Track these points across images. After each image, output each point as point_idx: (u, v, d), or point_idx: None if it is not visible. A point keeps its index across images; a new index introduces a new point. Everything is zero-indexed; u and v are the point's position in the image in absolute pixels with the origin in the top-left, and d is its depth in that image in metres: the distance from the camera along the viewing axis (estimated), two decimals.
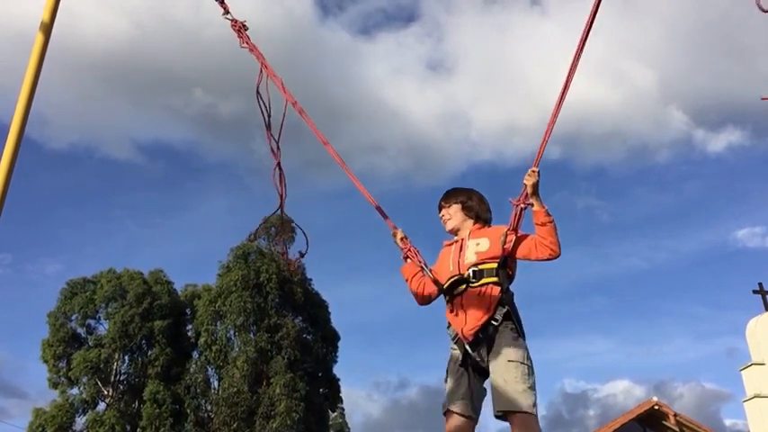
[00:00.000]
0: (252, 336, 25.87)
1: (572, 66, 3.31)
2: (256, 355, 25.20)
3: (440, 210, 3.67)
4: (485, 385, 3.28)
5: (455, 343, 3.29)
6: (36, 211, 45.35)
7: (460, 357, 3.25)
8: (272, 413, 24.31)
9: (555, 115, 3.34)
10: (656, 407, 17.98)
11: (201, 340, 26.02)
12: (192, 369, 26.27)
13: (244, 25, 3.86)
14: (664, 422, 17.94)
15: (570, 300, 59.08)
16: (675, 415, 17.91)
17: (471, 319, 3.20)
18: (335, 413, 31.35)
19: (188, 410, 25.29)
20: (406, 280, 3.61)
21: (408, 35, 62.94)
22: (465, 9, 62.52)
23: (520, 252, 3.33)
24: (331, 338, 28.09)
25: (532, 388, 3.08)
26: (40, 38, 2.99)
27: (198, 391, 25.61)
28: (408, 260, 3.61)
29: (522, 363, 3.12)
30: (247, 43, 3.87)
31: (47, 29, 3.01)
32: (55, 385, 25.89)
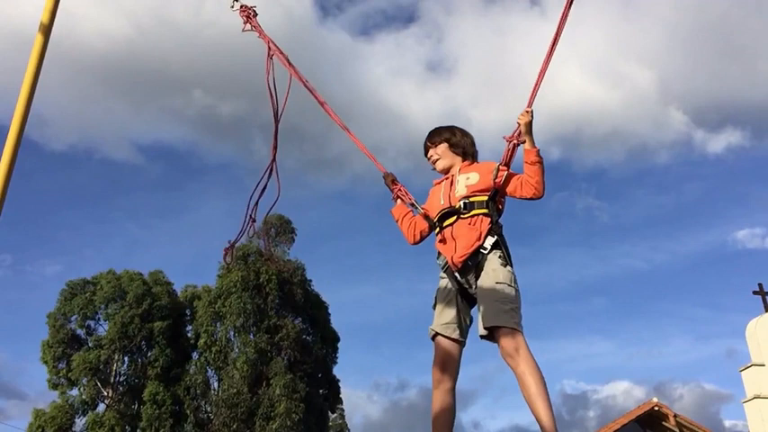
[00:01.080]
0: (252, 337, 25.88)
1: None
2: (256, 356, 25.20)
3: (426, 151, 3.73)
4: (472, 313, 3.35)
5: (444, 272, 3.38)
6: (35, 212, 45.38)
7: (449, 285, 3.33)
8: (272, 414, 24.31)
9: (549, 56, 3.36)
10: (656, 408, 17.96)
11: (201, 341, 26.03)
12: (191, 370, 26.27)
13: (254, 11, 3.93)
14: (664, 423, 17.92)
15: (570, 301, 59.14)
16: (675, 416, 17.89)
17: (461, 247, 3.29)
18: (335, 414, 31.32)
19: (188, 411, 25.29)
20: (397, 220, 3.70)
21: (408, 36, 63.01)
22: (464, 10, 62.58)
23: (508, 188, 3.40)
24: (331, 339, 28.10)
25: (519, 310, 3.16)
26: (39, 39, 2.99)
27: (198, 392, 25.61)
28: (399, 201, 3.71)
29: (509, 285, 3.18)
30: (255, 27, 3.92)
31: (46, 30, 3.01)
32: (55, 386, 25.89)
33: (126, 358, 26.71)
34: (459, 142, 3.66)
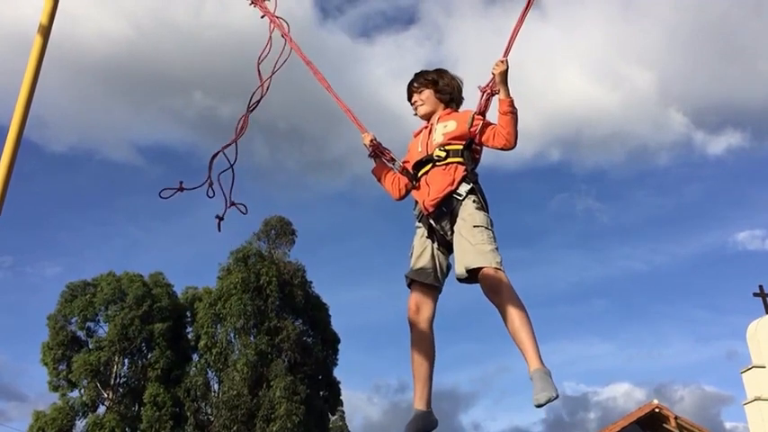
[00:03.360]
0: (252, 338, 25.88)
1: None
2: (256, 357, 25.20)
3: (411, 95, 3.67)
4: (450, 261, 3.31)
5: (419, 220, 3.36)
6: (35, 214, 45.33)
7: (425, 232, 3.31)
8: (273, 416, 24.30)
9: (528, 4, 3.33)
10: (657, 409, 17.94)
11: (201, 343, 26.02)
12: (191, 372, 26.26)
13: None
14: (664, 425, 17.89)
15: (570, 302, 59.04)
16: (676, 418, 17.87)
17: (434, 191, 3.27)
18: (336, 416, 31.32)
19: (188, 413, 25.28)
20: (378, 179, 3.67)
21: (408, 38, 62.98)
22: (464, 12, 62.60)
23: (483, 138, 3.36)
24: (331, 341, 28.09)
25: (497, 251, 3.11)
26: (38, 40, 2.99)
27: (198, 393, 25.60)
28: (377, 159, 3.68)
29: (486, 227, 3.16)
30: (265, 10, 3.97)
31: (45, 32, 3.01)
32: (55, 388, 25.89)
33: (126, 360, 26.72)
34: (446, 87, 3.60)
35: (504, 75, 3.27)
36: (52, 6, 3.02)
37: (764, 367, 16.15)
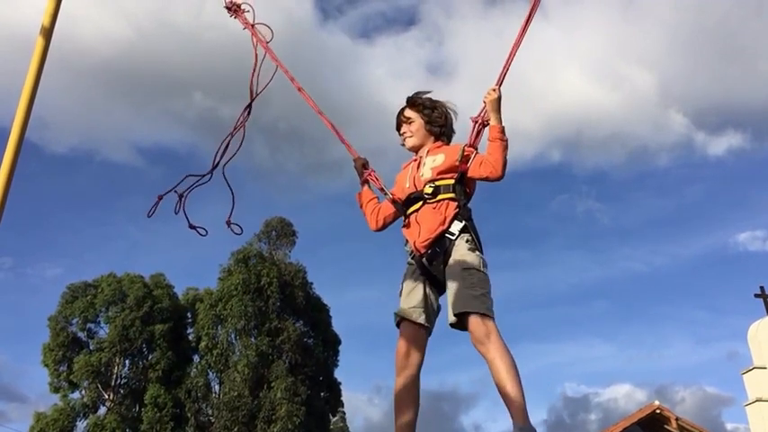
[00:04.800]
0: (253, 340, 25.88)
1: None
2: (257, 359, 25.20)
3: (399, 125, 3.52)
4: (441, 301, 3.20)
5: (411, 258, 3.22)
6: (36, 215, 45.36)
7: (417, 271, 3.18)
8: (273, 417, 24.30)
9: (522, 33, 3.30)
10: (658, 411, 17.91)
11: (202, 344, 26.03)
12: (192, 373, 26.26)
13: (236, 3, 3.84)
14: (665, 426, 17.87)
15: (571, 304, 59.09)
16: (677, 419, 17.84)
17: (425, 232, 3.14)
18: (336, 417, 31.32)
19: (189, 414, 25.28)
20: (361, 205, 3.53)
21: (408, 39, 63.10)
22: (465, 13, 62.70)
23: (471, 169, 3.21)
24: (332, 342, 28.09)
25: (488, 295, 3.01)
26: (40, 42, 2.99)
27: (199, 395, 25.60)
28: (366, 186, 3.55)
29: (478, 270, 3.03)
30: (244, 21, 3.83)
31: (47, 33, 3.01)
32: (56, 389, 25.90)
33: (127, 361, 26.74)
34: (437, 120, 3.45)
35: (497, 103, 3.20)
36: (54, 8, 3.03)
37: (765, 368, 16.14)
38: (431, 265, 3.12)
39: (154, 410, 24.77)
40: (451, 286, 3.03)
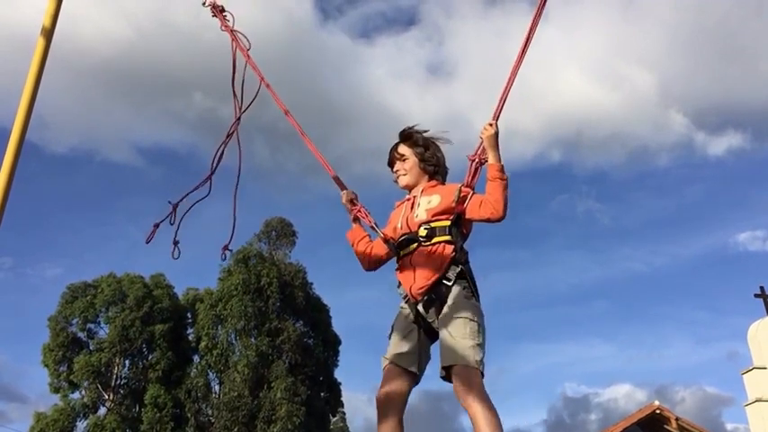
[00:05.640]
0: (253, 340, 25.88)
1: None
2: (257, 359, 25.20)
3: (393, 162, 3.37)
4: (433, 349, 3.08)
5: (405, 302, 3.09)
6: (36, 215, 45.34)
7: (410, 316, 3.05)
8: (273, 417, 24.30)
9: (517, 65, 3.18)
10: (658, 411, 17.92)
11: (202, 344, 26.03)
12: (192, 373, 26.26)
13: (220, 7, 3.79)
14: (665, 426, 17.88)
15: (571, 304, 59.09)
16: (677, 419, 17.85)
17: (421, 278, 2.99)
18: (336, 417, 31.33)
19: (189, 415, 25.28)
20: (352, 244, 3.39)
21: (408, 39, 63.09)
22: (465, 13, 62.69)
23: (469, 210, 3.07)
24: (332, 342, 28.09)
25: (481, 346, 2.87)
26: (41, 42, 2.99)
27: (199, 395, 25.60)
28: (357, 223, 3.41)
29: (471, 320, 2.89)
30: (224, 24, 3.77)
31: (48, 33, 3.02)
32: (56, 390, 25.90)
33: (127, 361, 26.74)
34: (431, 158, 3.30)
35: (494, 139, 3.05)
36: (55, 8, 3.03)
37: (765, 368, 16.14)
38: (426, 312, 2.99)
39: (154, 411, 24.77)
40: (444, 336, 2.90)
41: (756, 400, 16.00)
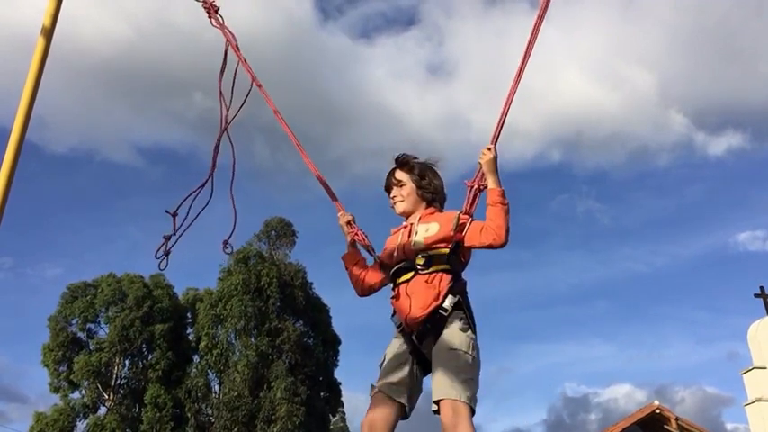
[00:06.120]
0: (253, 340, 25.88)
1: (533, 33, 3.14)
2: (257, 359, 25.20)
3: (389, 188, 3.29)
4: (425, 381, 3.01)
5: (400, 332, 3.02)
6: (36, 215, 45.35)
7: (404, 345, 2.98)
8: (273, 417, 24.30)
9: (514, 88, 3.10)
10: (658, 411, 17.93)
11: (202, 344, 26.03)
12: (192, 373, 26.26)
13: (214, 6, 3.74)
14: (665, 426, 17.88)
15: (571, 304, 59.12)
16: (677, 419, 17.86)
17: (417, 308, 2.91)
18: (336, 417, 31.33)
19: (189, 415, 25.28)
20: (347, 267, 3.34)
21: (408, 39, 63.11)
22: (465, 13, 62.70)
23: (468, 238, 2.98)
24: (332, 342, 28.09)
25: (473, 380, 2.79)
26: (41, 42, 2.99)
27: (199, 395, 25.60)
28: (353, 246, 3.34)
29: (465, 352, 2.82)
30: (217, 22, 3.74)
31: (48, 33, 3.02)
32: (56, 389, 25.90)
33: (127, 361, 26.74)
34: (429, 185, 3.22)
35: (493, 164, 2.97)
36: (55, 8, 3.03)
37: (765, 368, 16.15)
38: (420, 343, 2.91)
39: (154, 410, 24.77)
40: (436, 369, 2.83)
41: (756, 400, 16.00)
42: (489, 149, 2.99)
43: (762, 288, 17.12)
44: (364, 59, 58.28)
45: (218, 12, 3.74)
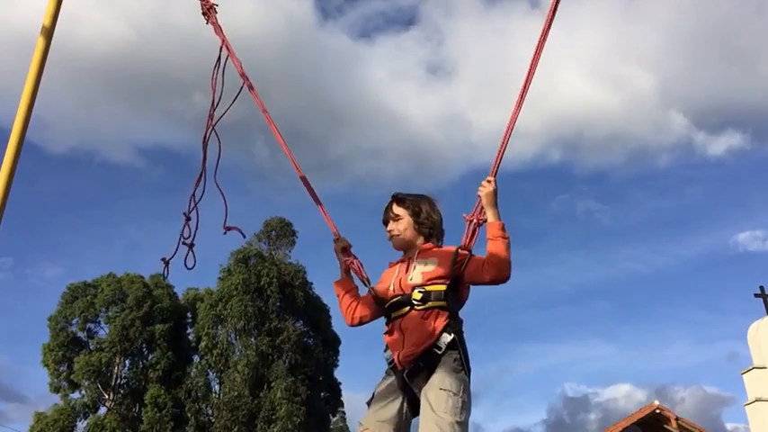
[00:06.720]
0: (253, 340, 25.89)
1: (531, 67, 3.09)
2: (257, 359, 25.21)
3: (386, 222, 3.19)
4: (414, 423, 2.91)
5: (391, 368, 2.92)
6: (36, 215, 45.39)
7: (395, 383, 2.88)
8: (273, 417, 24.30)
9: (512, 121, 3.04)
10: (658, 411, 17.93)
11: (202, 344, 26.04)
12: (192, 373, 26.28)
13: (213, 7, 3.72)
14: (665, 426, 17.88)
15: (571, 304, 59.10)
16: (677, 419, 17.86)
17: (410, 345, 2.82)
18: (336, 417, 31.33)
19: (189, 415, 25.29)
20: (338, 295, 3.22)
21: (408, 39, 63.10)
22: (465, 13, 62.71)
23: (468, 274, 2.88)
24: (332, 343, 28.10)
25: (461, 425, 2.68)
26: (41, 42, 2.99)
27: (199, 395, 25.61)
28: (347, 274, 3.23)
29: (455, 394, 2.71)
30: (212, 22, 3.71)
31: (48, 33, 3.02)
32: (56, 389, 25.93)
33: (127, 361, 26.76)
34: (427, 220, 3.12)
35: (493, 197, 2.89)
36: (55, 8, 3.03)
37: (765, 368, 16.13)
38: (411, 381, 2.82)
39: (154, 410, 24.77)
40: (424, 409, 2.74)
41: (756, 400, 16.00)
42: (489, 182, 2.91)
43: (762, 288, 17.11)
44: (364, 59, 58.33)
45: (216, 11, 3.74)
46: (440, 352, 2.79)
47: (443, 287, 2.89)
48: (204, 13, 3.73)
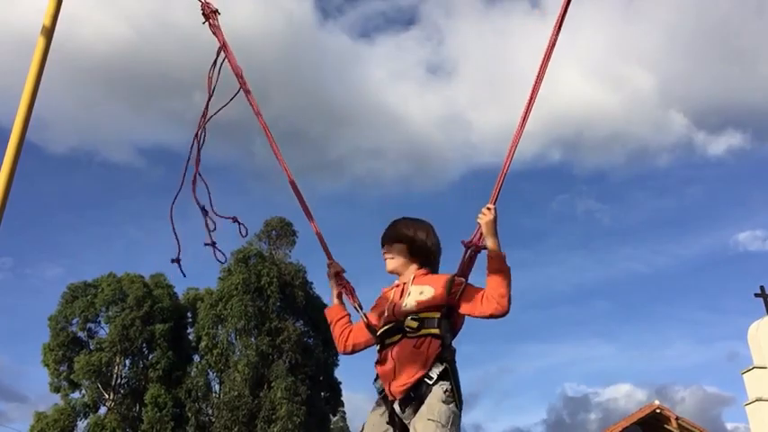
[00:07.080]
0: (253, 339, 25.90)
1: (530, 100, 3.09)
2: (257, 358, 25.21)
3: (382, 246, 3.14)
4: None
5: (381, 398, 2.86)
6: (36, 215, 45.38)
7: (385, 413, 2.81)
8: (274, 417, 24.31)
9: (513, 148, 3.01)
10: (658, 410, 17.93)
11: (202, 344, 26.05)
12: (192, 373, 26.28)
13: (215, 11, 3.73)
14: (666, 426, 17.88)
15: (571, 304, 59.10)
16: (677, 418, 17.86)
17: (402, 375, 2.75)
18: (337, 417, 31.32)
19: (189, 414, 25.30)
20: (330, 322, 3.18)
21: (408, 39, 63.07)
22: (465, 12, 62.66)
23: (464, 305, 2.82)
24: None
25: None
26: (41, 42, 3.00)
27: (199, 394, 25.62)
28: (339, 299, 3.19)
29: (443, 426, 2.63)
30: (213, 26, 3.73)
31: (48, 33, 3.02)
32: (56, 389, 25.94)
33: (127, 361, 26.77)
34: (422, 247, 3.04)
35: (493, 225, 2.80)
36: (55, 8, 3.03)
37: (765, 368, 16.13)
38: (402, 412, 2.75)
39: (154, 410, 24.78)
40: None
41: (756, 400, 15.99)
42: (489, 209, 2.83)
43: (762, 288, 17.10)
44: (364, 59, 58.27)
45: (218, 14, 3.74)
46: (431, 382, 2.72)
47: (437, 314, 2.82)
48: (206, 18, 3.73)
